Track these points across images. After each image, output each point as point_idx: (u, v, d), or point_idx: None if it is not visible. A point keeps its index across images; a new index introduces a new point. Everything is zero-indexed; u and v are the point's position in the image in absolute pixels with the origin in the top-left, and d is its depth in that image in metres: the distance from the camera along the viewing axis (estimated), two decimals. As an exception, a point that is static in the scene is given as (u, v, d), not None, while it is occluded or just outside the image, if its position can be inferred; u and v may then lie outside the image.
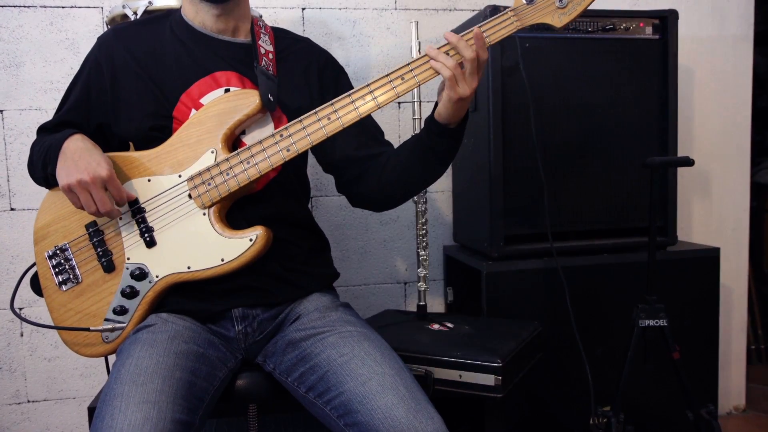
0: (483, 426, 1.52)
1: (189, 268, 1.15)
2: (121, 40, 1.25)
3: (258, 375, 1.22)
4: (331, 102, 1.12)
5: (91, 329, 1.17)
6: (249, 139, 1.20)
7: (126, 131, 1.24)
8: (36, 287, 1.24)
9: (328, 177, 2.09)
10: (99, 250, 1.18)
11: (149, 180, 1.18)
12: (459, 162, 2.00)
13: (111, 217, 1.15)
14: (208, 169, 1.15)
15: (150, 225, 1.17)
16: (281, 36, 1.32)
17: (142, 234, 1.17)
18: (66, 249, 1.20)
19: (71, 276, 1.19)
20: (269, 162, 1.13)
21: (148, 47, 1.24)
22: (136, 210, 1.17)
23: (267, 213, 1.21)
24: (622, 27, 1.81)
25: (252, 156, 1.14)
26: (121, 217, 1.17)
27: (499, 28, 1.10)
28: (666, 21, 1.82)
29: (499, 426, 1.49)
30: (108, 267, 1.18)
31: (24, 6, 1.89)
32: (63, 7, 1.91)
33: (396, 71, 1.11)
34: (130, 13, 1.56)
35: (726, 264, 2.05)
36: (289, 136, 1.13)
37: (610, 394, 1.53)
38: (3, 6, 1.88)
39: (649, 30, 1.83)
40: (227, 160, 1.14)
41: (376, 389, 1.02)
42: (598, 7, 1.40)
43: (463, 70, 1.07)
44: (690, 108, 2.24)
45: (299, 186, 1.32)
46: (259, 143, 1.14)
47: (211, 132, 1.16)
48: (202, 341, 1.13)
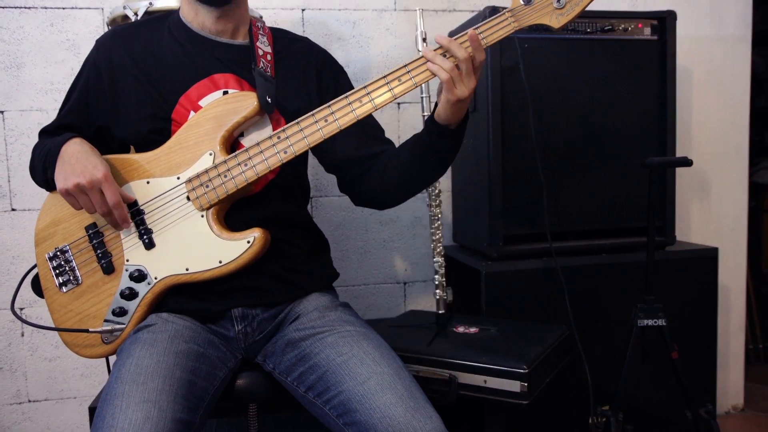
0: (482, 426, 1.52)
1: (187, 269, 1.16)
2: (120, 42, 1.25)
3: (258, 375, 1.23)
4: (329, 104, 1.12)
5: (90, 331, 1.17)
6: (247, 141, 1.20)
7: (125, 134, 1.25)
8: (37, 288, 1.24)
9: (327, 177, 2.10)
10: (99, 251, 1.19)
11: (148, 182, 1.18)
12: (458, 162, 2.00)
13: (118, 219, 1.14)
14: (206, 171, 1.15)
15: (149, 227, 1.17)
16: (280, 37, 1.32)
17: (141, 236, 1.17)
18: (66, 251, 1.20)
19: (71, 277, 1.20)
20: (267, 164, 1.14)
21: (146, 49, 1.24)
22: (135, 212, 1.18)
23: (265, 215, 1.21)
24: (620, 28, 1.81)
25: (249, 158, 1.14)
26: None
27: (497, 29, 1.09)
28: (664, 22, 1.82)
29: (499, 426, 1.49)
30: (107, 268, 1.18)
31: (25, 7, 1.89)
32: (64, 8, 1.91)
33: (393, 72, 1.11)
34: (130, 14, 1.55)
35: (724, 264, 2.06)
36: (287, 138, 1.13)
37: (609, 393, 1.53)
38: (4, 7, 1.88)
39: (648, 31, 1.83)
40: (225, 162, 1.15)
41: (374, 388, 1.02)
42: (596, 8, 1.40)
43: (460, 71, 1.07)
44: (688, 108, 2.24)
45: (298, 188, 1.32)
46: (257, 145, 1.14)
47: (210, 134, 1.17)
48: (202, 341, 1.14)
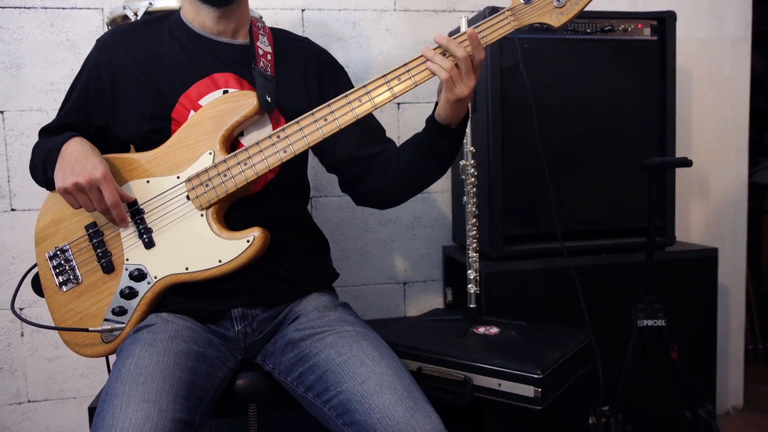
0: (482, 426, 1.52)
1: (187, 269, 1.16)
2: (120, 41, 1.25)
3: (258, 375, 1.23)
4: (328, 103, 1.12)
5: (90, 330, 1.17)
6: (247, 141, 1.20)
7: (125, 133, 1.25)
8: (37, 288, 1.24)
9: (327, 177, 2.10)
10: (99, 251, 1.19)
11: (148, 181, 1.18)
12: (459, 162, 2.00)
13: (116, 219, 1.14)
14: (206, 171, 1.15)
15: (149, 226, 1.17)
16: (280, 36, 1.33)
17: (140, 235, 1.17)
18: (66, 250, 1.20)
19: (71, 277, 1.20)
20: (266, 163, 1.14)
21: (146, 49, 1.24)
22: (135, 211, 1.18)
23: (265, 214, 1.21)
24: (620, 28, 1.81)
25: (249, 157, 1.14)
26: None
27: (496, 28, 1.09)
28: (664, 22, 1.82)
29: (499, 426, 1.49)
30: (107, 268, 1.18)
31: (24, 7, 1.89)
32: (63, 8, 1.91)
33: (393, 72, 1.11)
34: (130, 14, 1.55)
35: (724, 264, 2.05)
36: (286, 137, 1.13)
37: (609, 393, 1.53)
38: (3, 7, 1.88)
39: (648, 31, 1.83)
40: (225, 161, 1.15)
41: (374, 388, 1.02)
42: (596, 9, 1.40)
43: (459, 70, 1.07)
44: (688, 109, 2.24)
45: (298, 187, 1.32)
46: (257, 144, 1.14)
47: (209, 133, 1.17)
48: (201, 341, 1.14)
